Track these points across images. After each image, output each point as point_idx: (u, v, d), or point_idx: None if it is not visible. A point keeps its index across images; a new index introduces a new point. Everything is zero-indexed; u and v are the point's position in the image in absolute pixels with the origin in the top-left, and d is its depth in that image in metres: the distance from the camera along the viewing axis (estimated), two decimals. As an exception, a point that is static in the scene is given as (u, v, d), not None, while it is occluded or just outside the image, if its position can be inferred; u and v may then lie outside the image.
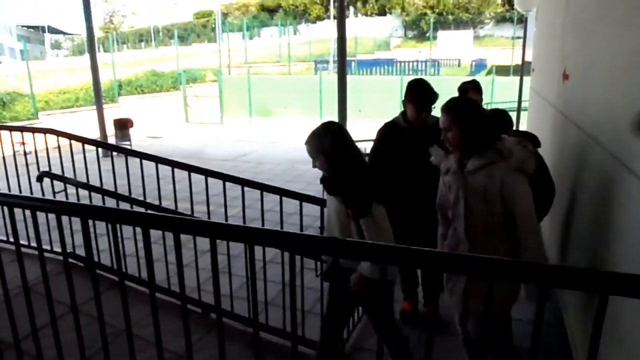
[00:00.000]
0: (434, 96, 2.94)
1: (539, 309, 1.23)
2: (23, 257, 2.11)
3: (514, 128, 3.62)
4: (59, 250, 3.24)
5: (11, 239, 2.63)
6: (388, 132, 3.09)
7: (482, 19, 30.79)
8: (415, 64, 21.68)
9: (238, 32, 30.34)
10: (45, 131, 4.15)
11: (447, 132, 2.20)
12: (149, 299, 1.84)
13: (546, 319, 1.42)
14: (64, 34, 49.28)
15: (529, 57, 6.78)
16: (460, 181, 2.26)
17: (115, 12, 49.89)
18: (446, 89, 3.38)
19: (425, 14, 30.96)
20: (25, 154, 4.19)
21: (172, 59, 20.14)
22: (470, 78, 5.83)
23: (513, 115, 8.97)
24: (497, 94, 13.93)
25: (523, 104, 8.25)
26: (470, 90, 3.48)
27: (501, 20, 30.27)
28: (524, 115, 7.94)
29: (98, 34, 32.12)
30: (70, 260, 3.28)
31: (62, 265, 2.69)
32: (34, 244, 2.14)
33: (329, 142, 2.37)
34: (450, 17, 30.38)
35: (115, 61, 16.75)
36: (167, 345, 1.91)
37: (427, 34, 28.09)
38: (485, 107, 3.23)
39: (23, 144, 4.46)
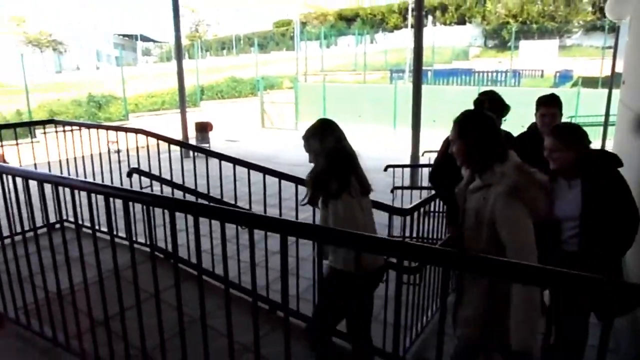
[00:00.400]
0: (503, 108, 2.88)
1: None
2: (102, 245, 2.33)
3: (600, 145, 3.44)
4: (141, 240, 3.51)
5: (102, 228, 2.87)
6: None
7: (570, 27, 29.20)
8: (494, 74, 20.97)
9: (315, 41, 30.89)
10: (136, 131, 4.49)
11: (453, 144, 2.15)
12: (224, 293, 1.96)
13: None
14: (154, 41, 52.58)
15: (619, 68, 6.37)
16: (461, 199, 2.22)
17: (200, 21, 52.49)
18: (526, 100, 3.27)
19: (508, 22, 29.86)
20: (118, 152, 4.57)
21: (252, 66, 20.90)
22: (551, 90, 5.57)
23: (599, 130, 8.45)
24: (583, 107, 13.17)
25: (611, 118, 7.75)
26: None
27: (591, 29, 28.54)
28: (611, 130, 7.46)
29: (184, 42, 33.91)
30: (146, 250, 3.53)
31: (143, 255, 2.92)
32: (121, 234, 2.35)
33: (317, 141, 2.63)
34: (534, 26, 29.10)
35: (199, 68, 17.64)
36: (237, 338, 2.02)
37: (509, 44, 27.09)
38: (569, 120, 3.10)
39: (115, 142, 4.86)
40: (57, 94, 17.14)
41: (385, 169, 6.64)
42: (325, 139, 2.62)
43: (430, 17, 32.12)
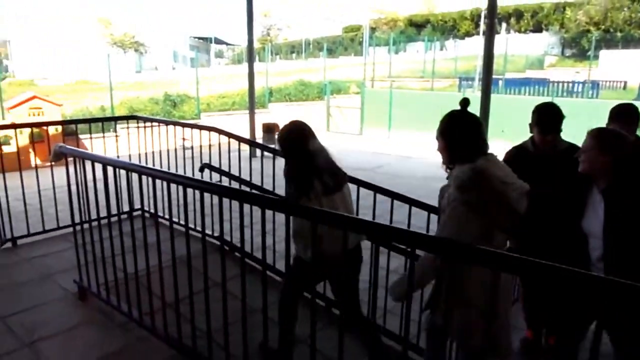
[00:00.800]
0: (560, 119, 2.78)
1: None
2: (175, 234, 2.52)
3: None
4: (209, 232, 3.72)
5: (175, 219, 3.09)
6: (514, 157, 2.89)
7: (660, 37, 27.28)
8: (570, 85, 19.98)
9: (384, 46, 30.83)
10: (210, 129, 4.75)
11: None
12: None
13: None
14: (227, 44, 54.52)
15: None
16: (440, 197, 2.26)
17: (272, 25, 53.83)
18: (604, 114, 3.14)
19: (588, 30, 28.36)
20: (189, 148, 4.85)
21: (320, 70, 21.22)
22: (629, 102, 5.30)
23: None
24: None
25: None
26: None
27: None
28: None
29: (256, 45, 34.95)
30: (214, 242, 3.73)
31: (212, 246, 3.11)
32: (191, 225, 2.53)
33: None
34: (618, 34, 27.45)
35: (268, 70, 18.14)
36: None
37: (588, 53, 25.72)
38: None
39: (187, 139, 5.15)
40: (137, 92, 18.26)
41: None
42: (290, 142, 2.74)
43: (504, 24, 31.12)
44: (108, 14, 40.50)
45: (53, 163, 3.48)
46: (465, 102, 2.18)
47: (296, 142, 2.71)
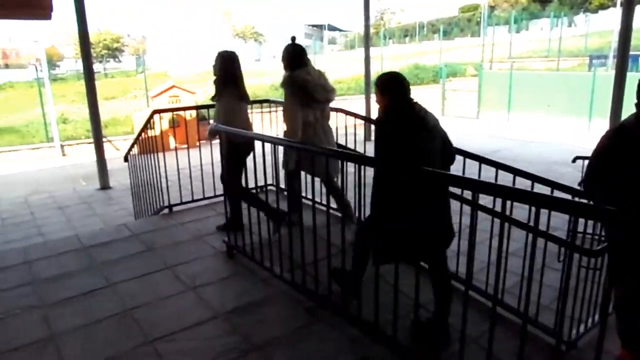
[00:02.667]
0: None
1: None
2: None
3: None
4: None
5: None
6: (614, 139, 2.45)
7: None
8: None
9: (504, 26, 29.21)
10: (337, 110, 5.07)
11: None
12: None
13: None
14: (340, 30, 55.21)
15: None
16: None
17: (385, 10, 53.39)
18: None
19: None
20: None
21: (435, 53, 20.84)
22: None
23: None
24: None
25: None
26: None
27: None
28: None
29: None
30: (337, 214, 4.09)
31: (334, 217, 3.42)
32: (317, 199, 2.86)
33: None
34: None
35: (383, 55, 18.24)
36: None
37: None
38: None
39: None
40: (258, 79, 19.44)
41: (574, 161, 6.29)
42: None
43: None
44: (230, 6, 43.10)
45: (208, 140, 4.11)
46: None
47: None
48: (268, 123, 5.96)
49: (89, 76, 7.58)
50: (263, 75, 20.99)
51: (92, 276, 3.61)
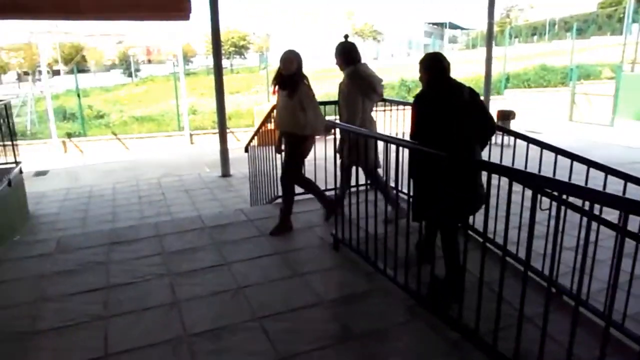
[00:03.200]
0: None
1: None
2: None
3: None
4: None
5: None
6: None
7: None
8: None
9: (653, 23, 26.07)
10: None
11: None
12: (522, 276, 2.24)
13: None
14: (462, 29, 53.30)
15: None
16: None
17: (512, 7, 50.48)
18: None
19: None
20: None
21: (565, 53, 19.27)
22: None
23: None
24: None
25: None
26: None
27: None
28: None
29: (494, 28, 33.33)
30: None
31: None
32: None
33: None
34: None
35: (507, 55, 17.30)
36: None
37: None
38: None
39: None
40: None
41: None
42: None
43: None
44: (353, 6, 43.72)
45: (325, 135, 4.31)
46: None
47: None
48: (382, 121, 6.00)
49: (218, 71, 8.23)
50: (383, 74, 21.01)
51: (211, 253, 3.97)
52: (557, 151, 3.55)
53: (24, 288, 3.49)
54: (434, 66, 3.07)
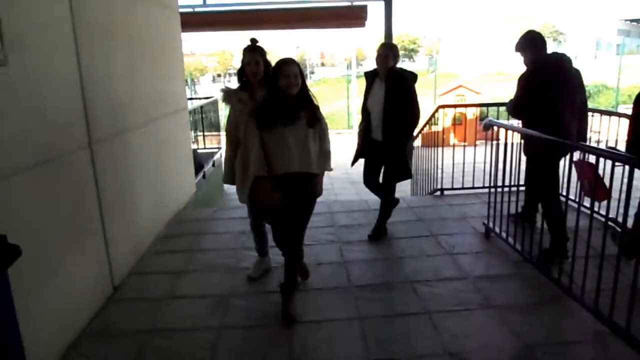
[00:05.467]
0: None
1: None
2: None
3: None
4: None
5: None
6: None
7: None
8: None
9: None
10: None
11: None
12: None
13: None
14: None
15: None
16: None
17: None
18: None
19: None
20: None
21: None
22: None
23: None
24: None
25: None
26: None
27: None
28: None
29: None
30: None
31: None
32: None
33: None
34: None
35: None
36: None
37: None
38: None
39: (597, 132, 5.32)
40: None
41: None
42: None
43: None
44: (532, 7, 41.06)
45: (483, 132, 4.64)
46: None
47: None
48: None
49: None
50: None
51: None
52: None
53: (230, 239, 4.57)
54: (542, 43, 3.72)
